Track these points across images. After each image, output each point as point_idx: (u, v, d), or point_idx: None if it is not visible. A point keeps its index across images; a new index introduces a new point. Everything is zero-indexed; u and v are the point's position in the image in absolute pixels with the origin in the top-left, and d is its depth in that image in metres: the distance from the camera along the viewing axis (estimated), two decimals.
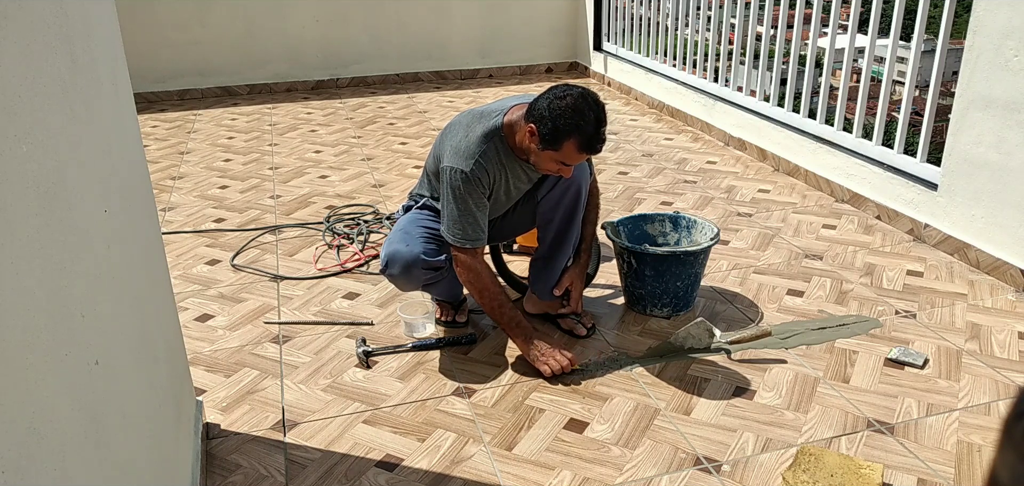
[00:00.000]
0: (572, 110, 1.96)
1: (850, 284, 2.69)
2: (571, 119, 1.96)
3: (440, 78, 6.16)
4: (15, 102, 0.88)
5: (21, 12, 0.93)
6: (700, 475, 1.80)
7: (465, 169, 2.07)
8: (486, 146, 2.09)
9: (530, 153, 2.08)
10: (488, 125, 2.11)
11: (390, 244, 2.24)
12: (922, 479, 1.77)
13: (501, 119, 2.12)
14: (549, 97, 2.00)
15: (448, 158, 2.11)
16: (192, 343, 2.39)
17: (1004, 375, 2.16)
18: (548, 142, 2.00)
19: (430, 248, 2.22)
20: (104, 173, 1.26)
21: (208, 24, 5.59)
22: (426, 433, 1.97)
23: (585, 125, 1.96)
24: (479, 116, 2.14)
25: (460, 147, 2.10)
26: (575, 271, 2.40)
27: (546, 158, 2.05)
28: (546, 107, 1.98)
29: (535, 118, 2.01)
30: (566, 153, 2.00)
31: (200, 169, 4.11)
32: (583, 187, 2.29)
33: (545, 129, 1.98)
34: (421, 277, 2.24)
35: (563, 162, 2.04)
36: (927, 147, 3.05)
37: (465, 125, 2.14)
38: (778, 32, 4.93)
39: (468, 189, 2.08)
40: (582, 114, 1.96)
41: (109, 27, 1.48)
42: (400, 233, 2.26)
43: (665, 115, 4.98)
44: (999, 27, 2.59)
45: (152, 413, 1.39)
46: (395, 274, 2.23)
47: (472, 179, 2.08)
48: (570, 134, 1.97)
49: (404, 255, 2.19)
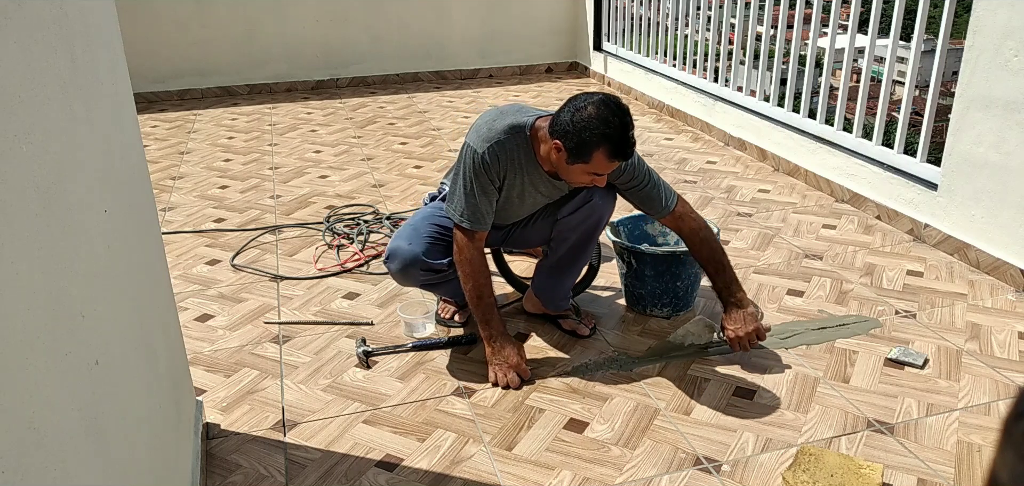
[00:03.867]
0: (596, 120, 1.92)
1: (850, 284, 2.69)
2: (597, 129, 1.92)
3: (440, 78, 6.16)
4: (15, 102, 0.88)
5: (21, 12, 0.93)
6: (700, 475, 1.80)
7: (479, 151, 2.06)
8: (506, 138, 2.07)
9: (558, 168, 2.05)
10: (517, 120, 2.08)
11: (397, 237, 2.23)
12: (922, 479, 1.77)
13: (532, 120, 2.08)
14: (570, 110, 1.96)
15: (469, 136, 2.11)
16: (192, 343, 2.39)
17: (1004, 375, 2.16)
18: (576, 155, 1.96)
19: (434, 250, 2.20)
20: (104, 173, 1.26)
21: (208, 24, 5.59)
22: (426, 433, 1.97)
23: (611, 132, 1.92)
24: (515, 110, 2.12)
25: (482, 129, 2.09)
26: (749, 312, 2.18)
27: (577, 172, 2.01)
28: (569, 121, 1.94)
29: (559, 134, 1.97)
30: (596, 163, 1.96)
31: (200, 169, 4.11)
32: (605, 216, 2.24)
33: (571, 143, 1.95)
34: (419, 277, 2.24)
35: (595, 172, 2.00)
36: (927, 147, 3.04)
37: (498, 112, 2.12)
38: (778, 32, 4.93)
39: (477, 171, 2.07)
40: (607, 122, 1.92)
41: (109, 27, 1.48)
42: (410, 228, 2.24)
43: (665, 115, 4.98)
44: (999, 27, 2.58)
45: (152, 413, 1.39)
46: (393, 269, 2.23)
47: (483, 163, 2.06)
48: (597, 144, 1.93)
49: (404, 253, 2.19)
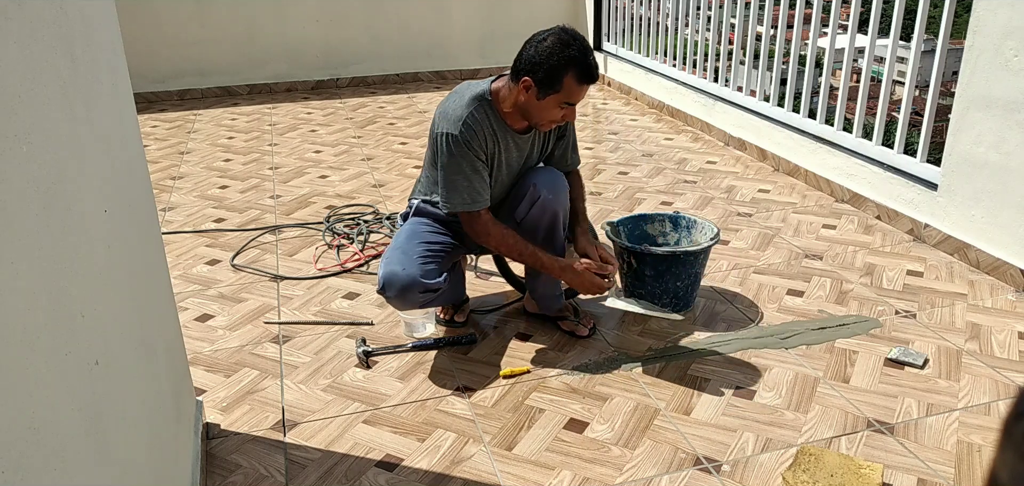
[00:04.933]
0: (560, 44, 2.01)
1: (850, 284, 2.69)
2: (562, 53, 2.00)
3: (440, 78, 6.16)
4: (15, 102, 0.88)
5: (21, 12, 0.93)
6: (700, 475, 1.80)
7: (453, 132, 2.08)
8: (474, 108, 2.11)
9: (529, 109, 2.09)
10: (475, 92, 2.13)
11: (388, 264, 2.16)
12: (922, 479, 1.77)
13: (488, 85, 2.15)
14: (532, 46, 2.04)
15: (437, 125, 2.13)
16: (192, 343, 2.39)
17: (1004, 375, 2.16)
18: (547, 86, 2.03)
19: (429, 269, 2.16)
20: (104, 173, 1.26)
21: (208, 24, 5.59)
22: (426, 433, 1.97)
23: (577, 55, 2.01)
24: (467, 86, 2.17)
25: (448, 113, 2.11)
26: (586, 240, 2.30)
27: (549, 105, 2.06)
28: (533, 54, 2.03)
29: (526, 70, 2.04)
30: (568, 90, 2.04)
31: (200, 169, 4.11)
32: (559, 210, 2.22)
33: (540, 75, 2.02)
34: (418, 299, 2.17)
35: (567, 101, 2.06)
36: (927, 147, 3.04)
37: (453, 95, 2.16)
38: (778, 32, 4.93)
39: (461, 151, 2.08)
40: (569, 46, 2.01)
41: (109, 27, 1.48)
42: (398, 253, 2.18)
43: (665, 115, 4.98)
44: (999, 27, 2.59)
45: (152, 413, 1.39)
46: (391, 297, 2.15)
47: (462, 140, 2.08)
48: (566, 68, 2.01)
49: (401, 279, 2.12)
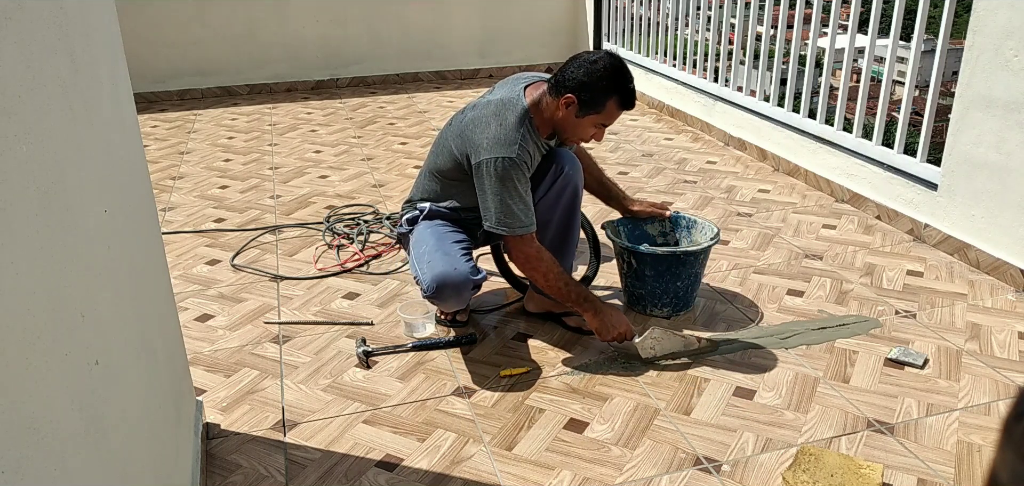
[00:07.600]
0: (612, 69, 2.11)
1: (850, 284, 2.69)
2: (612, 78, 2.11)
3: (440, 78, 6.16)
4: (15, 102, 0.88)
5: (21, 12, 0.93)
6: (700, 475, 1.80)
7: (511, 156, 2.10)
8: (523, 130, 2.14)
9: (565, 123, 2.16)
10: (518, 111, 2.15)
11: (433, 267, 2.16)
12: (922, 479, 1.77)
13: (525, 102, 2.17)
14: (580, 65, 2.12)
15: (487, 150, 2.11)
16: (192, 343, 2.39)
17: (1004, 375, 2.16)
18: (590, 106, 2.12)
19: (472, 265, 2.21)
20: (104, 173, 1.26)
21: (208, 24, 5.59)
22: (426, 433, 1.97)
23: (624, 82, 2.12)
24: (502, 105, 2.17)
25: (499, 137, 2.11)
26: (628, 198, 2.63)
27: (586, 123, 2.16)
28: (583, 74, 2.10)
29: (572, 88, 2.11)
30: (608, 112, 2.14)
31: (200, 169, 4.11)
32: (579, 184, 2.32)
33: (586, 95, 2.11)
34: (468, 296, 2.23)
35: (603, 123, 2.18)
36: (927, 147, 3.04)
37: (493, 116, 2.15)
38: (778, 32, 4.93)
39: (517, 174, 2.12)
40: (620, 72, 2.12)
41: (109, 27, 1.48)
42: (439, 255, 2.18)
43: (665, 115, 4.98)
44: (999, 27, 2.59)
45: (152, 413, 1.39)
46: (449, 296, 2.17)
47: (519, 163, 2.12)
48: (612, 92, 2.12)
49: (454, 278, 2.14)
